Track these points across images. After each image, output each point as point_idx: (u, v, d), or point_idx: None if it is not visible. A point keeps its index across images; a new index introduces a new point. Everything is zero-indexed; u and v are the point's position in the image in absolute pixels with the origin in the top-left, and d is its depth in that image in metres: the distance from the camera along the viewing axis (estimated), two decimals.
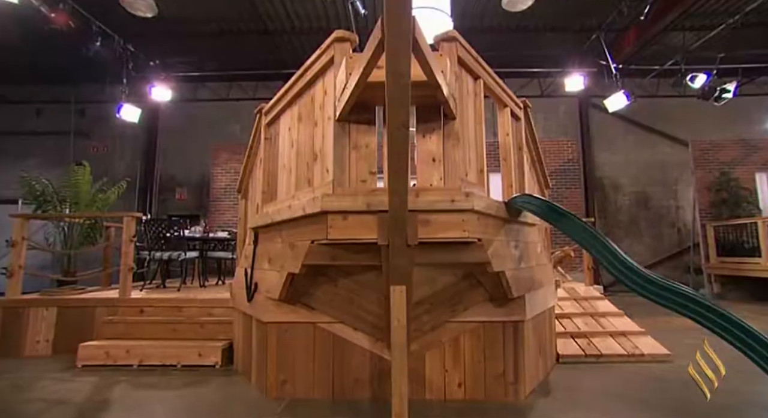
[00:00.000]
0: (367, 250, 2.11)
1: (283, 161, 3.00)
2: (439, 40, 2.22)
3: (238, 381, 3.25)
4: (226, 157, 9.22)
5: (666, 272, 10.02)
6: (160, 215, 11.12)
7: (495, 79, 2.78)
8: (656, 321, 5.72)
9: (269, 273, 2.82)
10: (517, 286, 2.63)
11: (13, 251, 4.34)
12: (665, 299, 1.99)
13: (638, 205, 10.51)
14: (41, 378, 3.36)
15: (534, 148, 3.59)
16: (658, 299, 2.01)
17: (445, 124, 2.11)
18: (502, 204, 2.51)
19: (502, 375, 2.81)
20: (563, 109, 10.72)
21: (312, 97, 2.53)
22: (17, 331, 4.16)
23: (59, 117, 11.40)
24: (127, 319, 3.97)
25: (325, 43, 2.31)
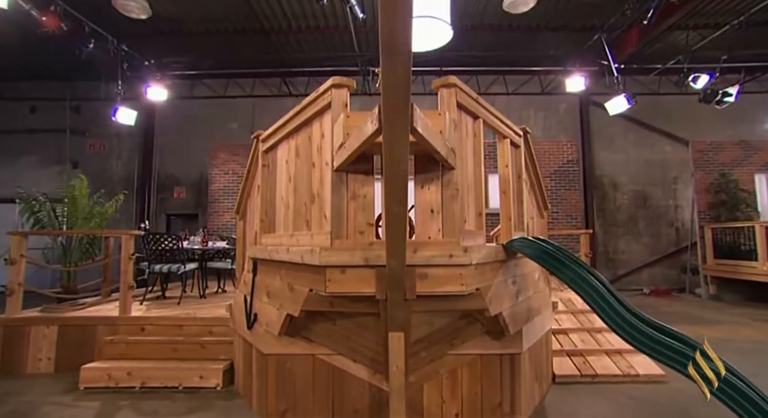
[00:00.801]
0: (365, 299, 2.12)
1: (281, 193, 2.98)
2: (438, 86, 2.19)
3: (239, 406, 3.30)
4: (224, 159, 9.16)
5: (663, 271, 10.12)
6: (158, 213, 11.13)
7: (494, 114, 2.75)
8: None
9: (268, 307, 2.83)
10: (515, 322, 2.65)
11: (12, 269, 4.34)
12: (664, 356, 1.99)
13: (637, 204, 10.52)
14: (44, 403, 3.40)
15: (533, 171, 3.58)
16: (657, 356, 2.01)
17: (443, 174, 2.10)
18: (500, 248, 2.51)
19: (499, 406, 2.85)
20: (564, 107, 10.63)
21: (309, 136, 2.50)
22: (19, 349, 4.20)
23: (54, 114, 11.27)
24: (127, 338, 4.00)
25: (322, 87, 2.27)
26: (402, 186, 1.39)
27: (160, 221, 11.16)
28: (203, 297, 5.50)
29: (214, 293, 6.09)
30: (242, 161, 9.18)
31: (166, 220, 11.18)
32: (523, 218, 3.17)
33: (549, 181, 8.84)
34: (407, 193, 1.45)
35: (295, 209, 2.68)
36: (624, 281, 10.31)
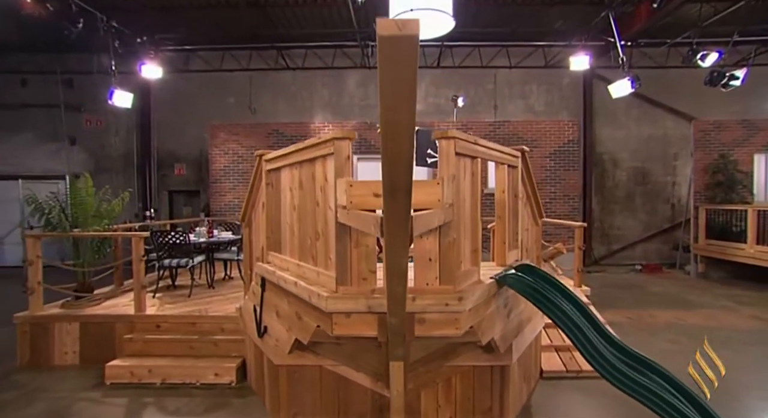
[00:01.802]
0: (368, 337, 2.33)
1: (285, 218, 3.11)
2: (439, 137, 2.25)
3: (254, 403, 3.61)
4: (223, 138, 9.12)
5: (657, 247, 10.40)
6: (160, 190, 11.24)
7: (492, 148, 2.81)
8: (641, 315, 6.12)
9: (278, 326, 3.05)
10: (505, 342, 2.88)
11: (30, 269, 4.55)
12: (632, 389, 2.21)
13: (636, 181, 10.61)
14: (76, 399, 3.73)
15: (530, 185, 3.67)
16: (626, 389, 2.23)
17: (441, 226, 2.22)
18: (493, 284, 2.67)
19: (489, 410, 3.16)
20: (566, 81, 10.42)
21: (312, 174, 2.59)
22: (45, 343, 4.51)
23: (46, 88, 11.04)
24: (145, 337, 4.29)
25: (324, 136, 2.33)
26: (402, 273, 1.53)
27: (162, 197, 11.29)
28: (212, 287, 5.76)
29: (221, 279, 6.36)
30: (242, 141, 9.16)
31: (168, 196, 11.31)
32: (517, 236, 3.32)
33: (549, 162, 8.88)
34: (407, 274, 1.59)
35: (300, 238, 2.82)
36: (618, 255, 10.63)
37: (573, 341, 2.37)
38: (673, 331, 5.38)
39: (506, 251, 3.05)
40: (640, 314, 6.15)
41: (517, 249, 3.37)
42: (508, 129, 8.93)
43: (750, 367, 4.23)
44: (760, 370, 4.17)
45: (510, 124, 8.96)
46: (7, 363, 4.50)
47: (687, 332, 5.29)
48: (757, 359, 4.43)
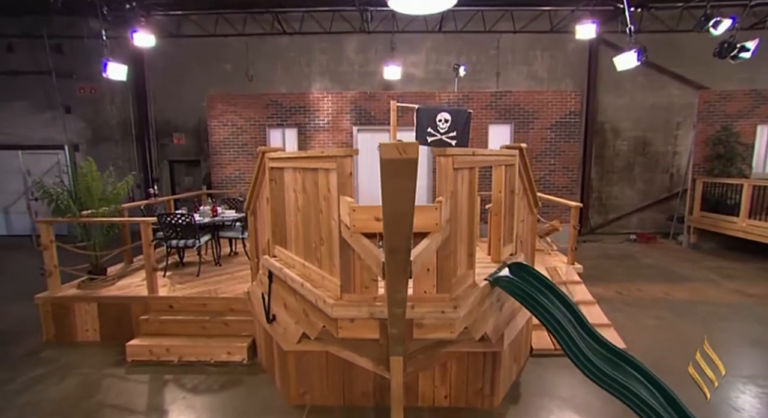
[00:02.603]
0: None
1: (290, 216, 3.23)
2: (438, 155, 2.32)
3: (265, 381, 3.92)
4: (222, 109, 9.01)
5: (652, 216, 10.59)
6: (160, 160, 11.25)
7: (489, 154, 2.87)
8: (630, 289, 6.40)
9: (287, 318, 3.27)
10: (497, 333, 3.11)
11: (46, 254, 4.74)
12: (612, 387, 2.44)
13: (636, 151, 10.60)
14: (103, 375, 4.05)
15: (526, 177, 3.75)
16: (606, 387, 2.46)
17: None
18: (487, 287, 2.84)
19: (481, 390, 3.46)
20: (572, 47, 10.11)
21: (316, 183, 2.68)
22: (68, 321, 4.80)
23: (35, 54, 10.71)
24: (160, 318, 4.56)
25: (328, 151, 2.39)
26: (401, 302, 1.68)
27: (162, 167, 11.33)
28: (218, 264, 5.99)
29: (227, 255, 6.59)
30: (241, 112, 9.05)
31: (168, 166, 11.34)
32: (513, 230, 3.46)
33: (549, 133, 8.83)
34: (405, 301, 1.75)
35: (305, 240, 2.96)
36: (614, 224, 10.85)
37: (559, 342, 2.58)
38: (660, 306, 5.67)
39: (501, 247, 3.20)
40: (629, 288, 6.44)
41: (512, 243, 3.52)
42: (509, 100, 8.80)
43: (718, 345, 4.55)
44: (726, 347, 4.48)
45: (512, 94, 8.81)
46: (35, 338, 4.82)
47: (673, 308, 5.58)
48: (728, 337, 4.73)
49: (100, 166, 10.20)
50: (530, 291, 2.68)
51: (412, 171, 1.01)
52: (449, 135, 6.13)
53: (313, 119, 9.10)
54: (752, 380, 3.81)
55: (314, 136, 9.13)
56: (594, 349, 2.68)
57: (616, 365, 2.62)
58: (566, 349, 2.54)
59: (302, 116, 9.08)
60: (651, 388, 2.50)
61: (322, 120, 9.10)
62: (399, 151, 0.95)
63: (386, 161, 0.99)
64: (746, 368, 4.04)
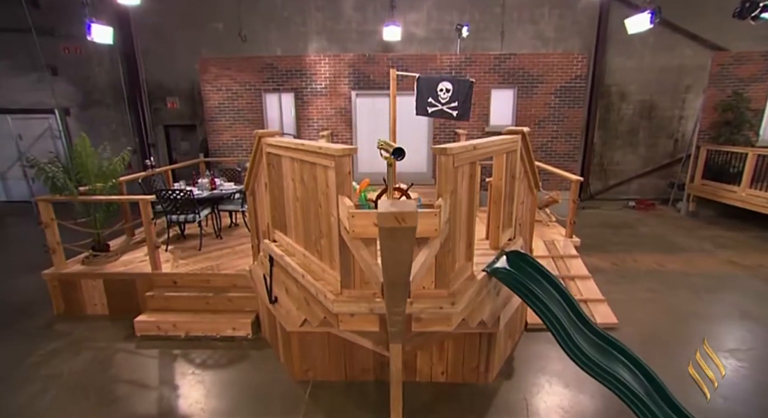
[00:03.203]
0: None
1: (289, 203, 3.21)
2: (438, 153, 2.25)
3: (269, 356, 4.09)
4: (215, 73, 8.69)
5: (653, 182, 10.57)
6: (155, 125, 11.01)
7: (490, 145, 2.80)
8: (626, 260, 6.53)
9: (289, 302, 3.36)
10: (493, 318, 3.21)
11: (48, 231, 4.78)
12: (600, 376, 2.55)
13: (641, 115, 10.36)
14: (115, 350, 4.22)
15: (528, 159, 3.69)
16: (596, 375, 2.57)
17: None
18: (484, 278, 2.88)
19: (476, 367, 3.62)
20: (581, 4, 9.58)
21: (315, 176, 2.63)
22: (77, 296, 4.94)
23: (11, 10, 10.08)
24: (165, 294, 4.67)
25: (326, 149, 2.32)
26: (401, 312, 1.71)
27: (157, 132, 11.12)
28: (219, 237, 6.04)
29: (227, 226, 6.63)
30: (235, 76, 8.73)
31: (164, 131, 11.13)
32: (512, 215, 3.46)
33: (553, 98, 8.58)
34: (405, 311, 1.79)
35: (304, 230, 2.97)
36: (614, 190, 10.84)
37: (553, 333, 2.66)
38: (653, 278, 5.80)
39: (500, 233, 3.22)
40: (625, 258, 6.55)
41: (511, 228, 3.53)
42: (514, 63, 8.46)
43: (706, 319, 4.71)
44: (714, 321, 4.64)
45: (516, 57, 8.45)
46: (47, 312, 4.98)
47: (665, 280, 5.71)
48: (717, 310, 4.89)
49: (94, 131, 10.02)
50: (526, 283, 2.73)
51: (410, 237, 1.00)
52: (450, 105, 5.96)
53: (311, 83, 8.79)
54: (733, 354, 3.99)
55: (312, 102, 8.88)
56: (587, 337, 2.78)
57: (607, 353, 2.73)
58: (560, 341, 2.63)
59: (299, 80, 8.77)
60: (640, 376, 2.61)
61: (319, 84, 8.80)
62: (398, 220, 0.93)
63: (385, 230, 0.97)
64: (731, 342, 4.21)
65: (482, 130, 8.86)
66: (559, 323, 2.63)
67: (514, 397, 3.48)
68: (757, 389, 3.53)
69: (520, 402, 3.42)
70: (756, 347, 4.13)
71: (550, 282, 2.98)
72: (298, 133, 8.99)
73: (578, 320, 2.87)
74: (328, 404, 3.42)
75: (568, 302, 2.92)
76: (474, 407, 3.38)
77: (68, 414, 3.36)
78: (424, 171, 9.25)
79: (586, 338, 2.77)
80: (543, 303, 2.66)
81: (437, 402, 3.44)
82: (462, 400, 3.45)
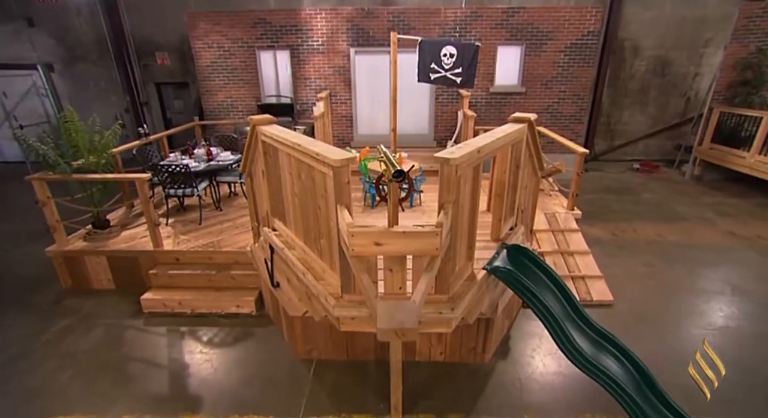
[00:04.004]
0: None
1: (287, 195, 3.14)
2: (440, 161, 2.14)
3: (274, 334, 4.22)
4: (205, 29, 8.17)
5: (660, 143, 10.34)
6: (146, 82, 10.56)
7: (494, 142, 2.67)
8: (626, 230, 6.55)
9: (290, 291, 3.40)
10: (491, 308, 3.27)
11: (46, 210, 4.74)
12: (593, 373, 2.64)
13: (654, 72, 9.88)
14: (125, 327, 4.37)
15: (533, 144, 3.55)
16: (588, 373, 2.65)
17: None
18: (483, 278, 2.87)
19: (474, 348, 3.76)
20: None
21: (312, 178, 2.54)
22: (82, 271, 5.02)
23: None
24: (168, 272, 4.74)
25: (323, 156, 2.20)
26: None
27: (149, 90, 10.70)
28: (219, 208, 6.02)
29: (226, 196, 6.58)
30: (226, 32, 8.22)
31: (156, 89, 10.71)
32: (514, 204, 3.40)
33: (562, 57, 8.13)
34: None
35: (304, 226, 2.93)
36: (619, 151, 10.62)
37: (549, 331, 2.71)
38: (652, 250, 5.84)
39: (502, 225, 3.18)
40: (625, 228, 6.56)
41: (513, 216, 3.49)
42: (522, 18, 7.90)
43: (698, 294, 4.80)
44: (705, 297, 4.74)
45: (526, 11, 7.88)
46: (54, 285, 5.09)
47: (663, 253, 5.75)
48: (709, 286, 4.98)
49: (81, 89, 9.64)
50: (525, 282, 2.74)
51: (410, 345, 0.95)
52: (454, 72, 5.66)
53: (307, 40, 8.30)
54: (722, 332, 4.12)
55: (309, 60, 8.43)
56: (583, 331, 2.84)
57: (603, 348, 2.80)
58: (556, 339, 2.68)
59: (294, 37, 8.26)
60: (635, 373, 2.69)
61: (316, 41, 8.30)
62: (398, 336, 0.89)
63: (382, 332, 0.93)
64: (719, 320, 4.33)
65: (486, 90, 8.49)
66: (555, 322, 2.68)
67: (509, 376, 3.64)
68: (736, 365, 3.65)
69: (514, 382, 3.58)
70: (743, 325, 4.25)
71: (549, 277, 2.99)
72: (294, 93, 8.64)
73: (575, 314, 2.92)
74: (331, 383, 3.59)
75: (566, 297, 2.96)
76: (471, 386, 3.55)
77: (88, 392, 3.54)
78: (426, 133, 9.01)
79: (582, 333, 2.84)
80: (541, 302, 2.69)
81: (435, 381, 3.61)
82: (459, 379, 3.62)
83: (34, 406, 3.40)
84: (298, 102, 8.67)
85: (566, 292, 2.96)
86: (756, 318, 4.35)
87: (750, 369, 3.64)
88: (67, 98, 10.59)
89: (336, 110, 8.74)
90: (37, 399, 3.46)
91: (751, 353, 3.85)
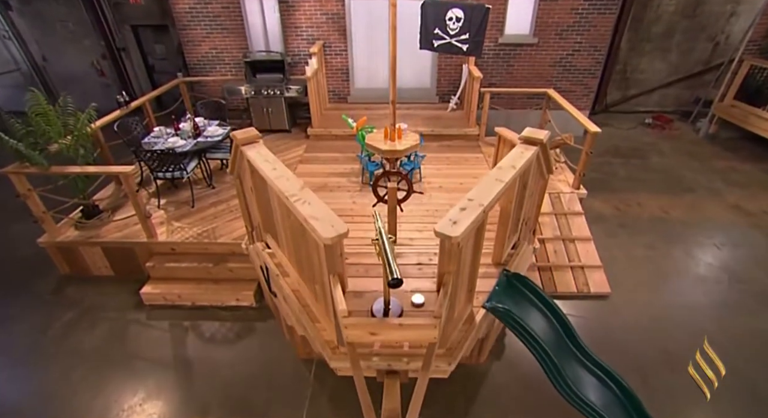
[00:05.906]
0: None
1: (278, 220, 2.96)
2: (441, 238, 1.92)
3: (274, 329, 4.31)
4: None
5: (677, 93, 9.72)
6: (120, 24, 9.59)
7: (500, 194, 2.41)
8: (629, 204, 6.41)
9: (287, 308, 3.37)
10: (488, 329, 3.26)
11: (29, 202, 4.56)
12: (581, 407, 2.70)
13: (683, 13, 8.90)
14: (128, 321, 4.45)
15: (544, 156, 3.26)
16: (576, 406, 2.71)
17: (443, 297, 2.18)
18: (484, 316, 2.79)
19: (470, 352, 3.85)
20: None
21: (304, 234, 2.34)
22: (79, 260, 4.98)
23: None
24: (165, 264, 4.70)
25: (312, 230, 1.97)
26: None
27: (125, 33, 9.75)
28: (211, 186, 5.81)
29: (218, 168, 6.32)
30: None
31: (132, 32, 9.75)
32: (519, 222, 3.24)
33: (582, 2, 7.26)
34: None
35: (297, 263, 2.80)
36: (632, 102, 10.01)
37: (544, 370, 2.71)
38: (655, 229, 5.74)
39: (504, 250, 3.06)
40: (629, 202, 6.40)
41: (517, 233, 3.34)
42: None
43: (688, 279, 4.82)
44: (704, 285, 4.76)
45: None
46: (53, 271, 5.09)
47: (666, 233, 5.66)
48: (702, 272, 4.97)
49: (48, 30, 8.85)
50: (523, 323, 2.68)
51: None
52: (460, 38, 5.06)
53: None
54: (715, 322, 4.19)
55: (299, 5, 7.54)
56: (582, 364, 2.86)
57: (600, 385, 2.83)
58: (552, 379, 2.70)
59: None
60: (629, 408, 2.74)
61: None
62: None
63: None
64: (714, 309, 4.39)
65: (495, 40, 7.72)
66: (551, 360, 2.67)
67: (505, 377, 3.78)
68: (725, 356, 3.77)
69: (510, 383, 3.73)
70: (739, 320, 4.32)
71: (550, 309, 2.94)
72: (285, 44, 7.87)
73: (574, 346, 2.92)
74: (331, 386, 3.73)
75: (564, 328, 2.93)
76: (466, 388, 3.71)
77: (101, 389, 3.71)
78: (428, 86, 8.41)
79: (582, 366, 2.86)
80: (538, 343, 2.66)
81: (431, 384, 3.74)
82: (455, 381, 3.76)
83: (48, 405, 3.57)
84: (289, 54, 7.94)
85: (566, 324, 2.93)
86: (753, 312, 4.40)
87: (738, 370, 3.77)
88: (34, 42, 9.72)
89: (330, 63, 8.04)
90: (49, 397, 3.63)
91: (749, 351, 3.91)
